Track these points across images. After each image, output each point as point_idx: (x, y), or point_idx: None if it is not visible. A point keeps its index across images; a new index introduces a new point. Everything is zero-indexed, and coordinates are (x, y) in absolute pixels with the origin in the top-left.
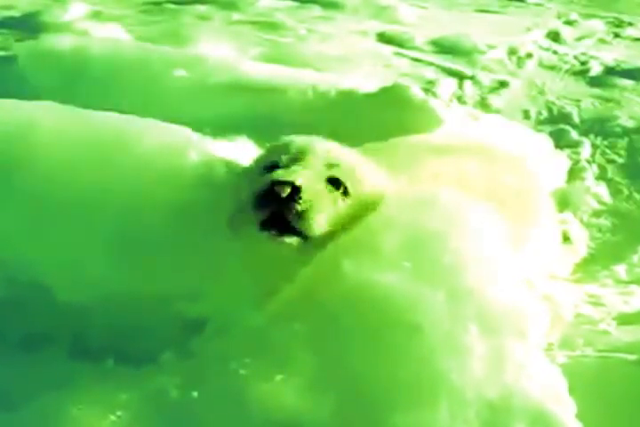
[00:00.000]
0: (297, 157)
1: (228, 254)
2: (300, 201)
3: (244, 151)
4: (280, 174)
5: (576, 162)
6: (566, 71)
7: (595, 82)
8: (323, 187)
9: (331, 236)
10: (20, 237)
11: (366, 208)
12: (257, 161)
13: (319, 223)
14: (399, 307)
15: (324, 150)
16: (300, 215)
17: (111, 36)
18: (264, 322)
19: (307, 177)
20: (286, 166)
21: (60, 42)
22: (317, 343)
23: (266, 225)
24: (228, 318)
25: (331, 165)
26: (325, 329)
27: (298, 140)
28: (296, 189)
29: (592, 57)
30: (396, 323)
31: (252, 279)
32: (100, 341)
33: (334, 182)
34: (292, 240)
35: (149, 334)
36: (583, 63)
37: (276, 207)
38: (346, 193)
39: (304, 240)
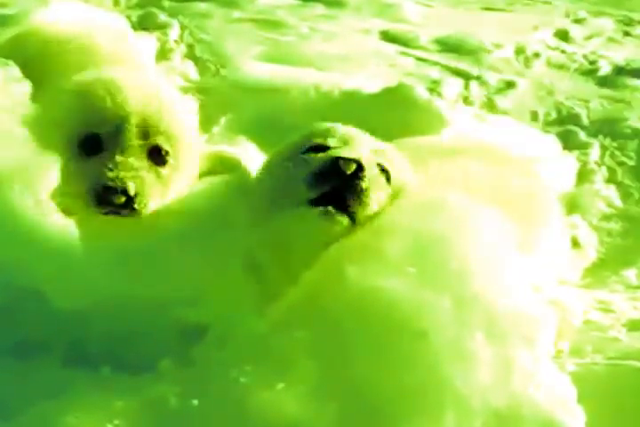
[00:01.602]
0: (345, 141)
1: (228, 259)
2: (365, 179)
3: (245, 152)
4: (345, 151)
5: (585, 164)
6: (575, 71)
7: (604, 82)
8: (377, 171)
9: (370, 219)
10: (14, 242)
11: (394, 199)
12: (293, 145)
13: (372, 205)
14: (404, 313)
15: (367, 138)
16: (361, 194)
17: None
18: (266, 328)
19: (368, 158)
20: (336, 148)
21: None
22: (320, 350)
23: (320, 202)
24: (229, 325)
25: (377, 152)
26: (328, 336)
27: (340, 127)
28: (361, 167)
29: (601, 56)
30: (401, 329)
31: (254, 285)
32: (96, 348)
33: (381, 169)
34: (343, 219)
35: (148, 341)
36: (592, 62)
37: (338, 183)
38: (388, 180)
39: (352, 222)
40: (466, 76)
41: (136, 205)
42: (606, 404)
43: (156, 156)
